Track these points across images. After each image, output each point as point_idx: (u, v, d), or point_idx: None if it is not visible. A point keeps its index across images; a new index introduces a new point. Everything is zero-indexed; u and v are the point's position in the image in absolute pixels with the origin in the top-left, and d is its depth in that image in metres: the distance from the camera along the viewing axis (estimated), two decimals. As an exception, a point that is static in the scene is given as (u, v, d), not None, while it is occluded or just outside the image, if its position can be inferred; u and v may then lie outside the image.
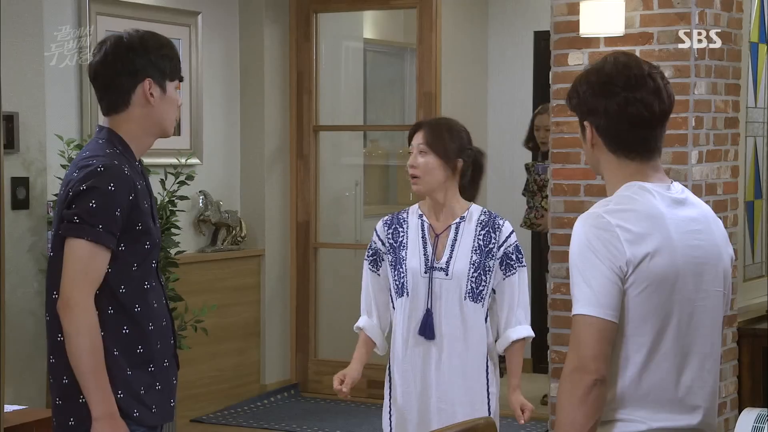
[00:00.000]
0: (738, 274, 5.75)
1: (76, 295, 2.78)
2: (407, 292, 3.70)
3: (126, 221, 2.85)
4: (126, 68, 2.93)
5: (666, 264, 2.48)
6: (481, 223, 3.67)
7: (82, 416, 2.85)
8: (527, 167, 7.04)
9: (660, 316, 2.48)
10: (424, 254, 3.68)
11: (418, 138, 3.72)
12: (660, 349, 2.49)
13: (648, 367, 2.49)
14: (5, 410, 3.20)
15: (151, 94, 2.95)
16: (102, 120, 3.04)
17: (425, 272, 3.67)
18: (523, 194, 7.00)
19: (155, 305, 2.95)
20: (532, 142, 7.01)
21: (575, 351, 2.45)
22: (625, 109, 2.53)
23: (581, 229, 2.50)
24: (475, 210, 3.71)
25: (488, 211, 3.73)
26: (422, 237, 3.71)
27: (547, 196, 5.93)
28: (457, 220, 3.69)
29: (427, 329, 3.66)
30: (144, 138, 3.00)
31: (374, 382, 7.09)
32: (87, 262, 2.79)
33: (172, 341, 3.03)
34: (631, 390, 2.49)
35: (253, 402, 6.91)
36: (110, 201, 2.81)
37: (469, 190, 3.79)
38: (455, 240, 3.67)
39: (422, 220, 3.75)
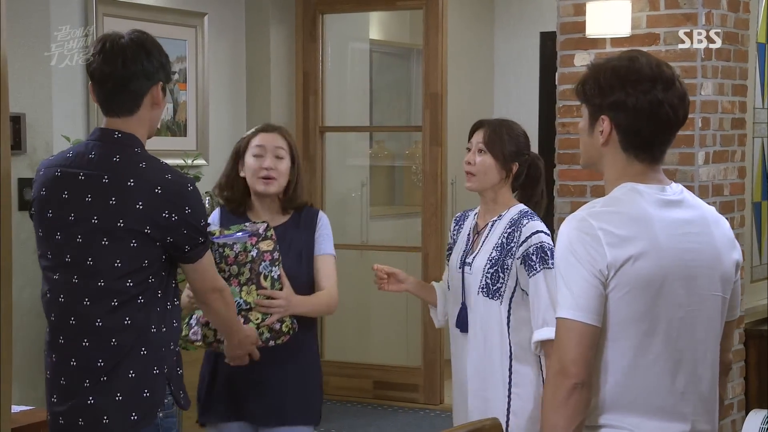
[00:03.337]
0: (745, 275, 5.75)
1: (219, 283, 3.20)
2: (449, 286, 3.79)
3: None
4: (144, 70, 2.99)
5: (651, 267, 2.43)
6: (511, 221, 3.66)
7: (145, 409, 2.98)
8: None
9: (645, 320, 2.44)
10: (463, 250, 3.75)
11: (478, 136, 3.74)
12: (648, 354, 2.45)
13: (635, 372, 2.45)
14: (12, 411, 3.19)
15: (160, 97, 3.05)
16: (107, 122, 3.05)
17: (459, 267, 3.72)
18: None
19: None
20: None
21: (557, 355, 2.44)
22: (657, 110, 2.47)
23: (565, 232, 2.48)
24: (514, 209, 3.70)
25: (526, 210, 3.69)
26: (468, 233, 3.78)
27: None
28: (495, 217, 3.71)
29: (460, 322, 3.70)
30: (145, 141, 3.08)
31: (380, 383, 7.10)
32: (212, 260, 3.20)
33: None
34: (617, 395, 2.46)
35: (260, 403, 6.90)
36: (206, 212, 3.15)
37: (529, 194, 3.75)
38: (487, 237, 3.69)
39: (475, 217, 3.80)
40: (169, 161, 5.99)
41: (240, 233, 3.58)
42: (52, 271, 3.06)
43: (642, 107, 2.47)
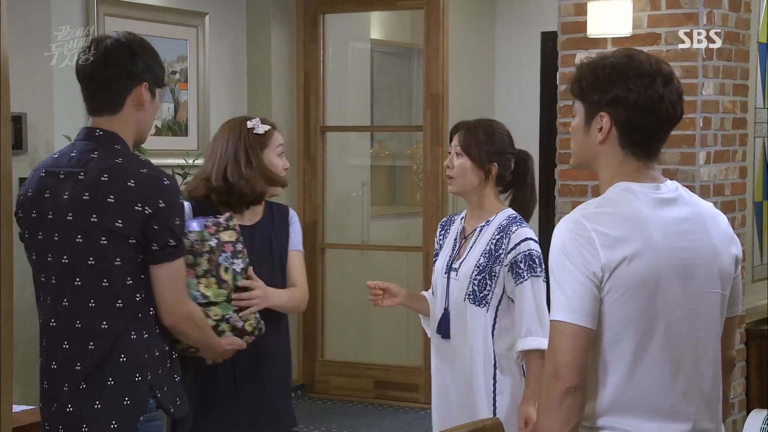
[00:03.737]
0: (746, 274, 5.75)
1: (188, 306, 3.06)
2: (434, 291, 3.76)
3: None
4: (127, 70, 2.97)
5: (646, 267, 2.40)
6: (499, 228, 3.63)
7: (126, 417, 2.93)
8: None
9: (643, 321, 2.41)
10: (450, 255, 3.71)
11: (456, 139, 3.72)
12: (646, 356, 2.42)
13: (634, 374, 2.42)
14: (13, 410, 3.19)
15: (144, 98, 3.00)
16: (92, 122, 3.03)
17: (445, 272, 3.69)
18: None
19: None
20: None
21: (551, 358, 2.41)
22: (657, 105, 2.44)
23: (559, 234, 2.45)
24: (502, 214, 3.67)
25: (514, 216, 3.65)
26: (455, 238, 3.74)
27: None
28: (483, 223, 3.68)
29: (442, 328, 3.68)
30: (131, 143, 3.04)
31: (381, 383, 7.10)
32: (183, 274, 3.03)
33: None
34: (617, 397, 2.43)
35: (260, 403, 6.90)
36: (183, 213, 3.06)
37: (515, 194, 3.74)
38: (474, 242, 3.66)
39: (462, 222, 3.77)
40: (170, 161, 6.07)
41: (194, 221, 3.34)
42: (38, 272, 3.06)
43: (643, 102, 2.44)
